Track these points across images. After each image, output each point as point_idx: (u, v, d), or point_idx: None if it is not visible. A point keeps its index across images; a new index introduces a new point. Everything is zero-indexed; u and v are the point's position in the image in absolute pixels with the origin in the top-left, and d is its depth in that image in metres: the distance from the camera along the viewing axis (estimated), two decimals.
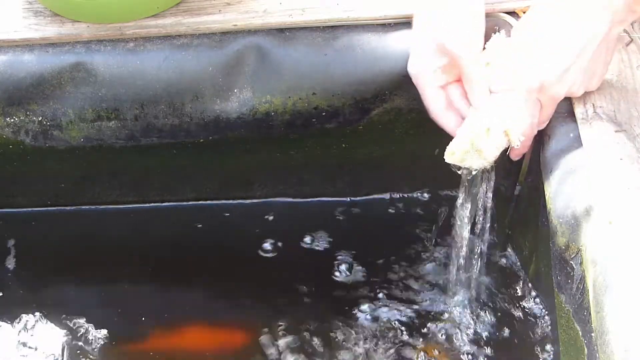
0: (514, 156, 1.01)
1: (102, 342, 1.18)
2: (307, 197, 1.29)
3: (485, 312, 1.16)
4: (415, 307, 1.18)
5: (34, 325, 1.20)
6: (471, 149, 0.95)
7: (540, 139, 0.97)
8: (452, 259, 1.17)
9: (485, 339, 1.14)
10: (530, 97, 0.92)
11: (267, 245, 1.26)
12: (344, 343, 1.15)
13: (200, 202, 1.29)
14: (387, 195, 1.29)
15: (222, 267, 1.26)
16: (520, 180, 1.08)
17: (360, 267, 1.23)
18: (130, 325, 1.21)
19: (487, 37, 1.03)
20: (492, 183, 1.04)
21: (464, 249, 1.12)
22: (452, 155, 0.96)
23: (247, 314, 1.20)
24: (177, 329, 1.20)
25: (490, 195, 1.05)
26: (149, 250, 1.28)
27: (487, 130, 0.93)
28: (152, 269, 1.26)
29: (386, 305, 1.19)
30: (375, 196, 1.29)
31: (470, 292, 1.17)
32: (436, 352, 1.13)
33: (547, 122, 0.96)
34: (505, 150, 0.96)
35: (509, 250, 1.21)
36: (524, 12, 1.02)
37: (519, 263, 1.20)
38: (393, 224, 1.27)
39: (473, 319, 1.16)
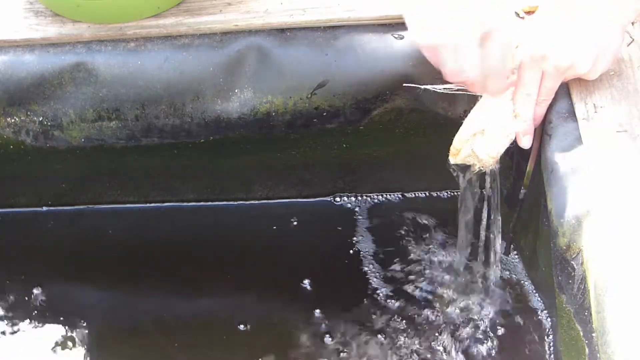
0: (523, 134, 0.95)
1: (101, 342, 1.18)
2: (308, 197, 1.29)
3: (486, 312, 1.16)
4: (413, 304, 1.18)
5: (33, 325, 1.20)
6: (471, 152, 0.95)
7: (542, 138, 0.97)
8: (456, 259, 1.17)
9: (485, 338, 1.14)
10: (532, 67, 0.90)
11: (268, 245, 1.26)
12: (344, 343, 1.16)
13: (200, 202, 1.29)
14: (388, 195, 1.29)
15: (223, 267, 1.26)
16: (525, 183, 1.08)
17: (360, 266, 1.23)
18: (130, 325, 1.21)
19: None
20: (498, 185, 1.03)
21: (467, 249, 1.12)
22: (455, 156, 0.97)
23: (247, 313, 1.20)
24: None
25: (497, 197, 1.05)
26: (149, 251, 1.28)
27: (482, 132, 0.94)
28: (152, 269, 1.26)
29: (384, 303, 1.19)
30: (376, 196, 1.29)
31: (473, 292, 1.18)
32: None
33: (549, 100, 0.94)
34: (507, 150, 0.96)
35: (512, 251, 1.21)
36: (525, 12, 1.02)
37: (520, 263, 1.20)
38: (394, 223, 1.27)
39: (474, 319, 1.16)
